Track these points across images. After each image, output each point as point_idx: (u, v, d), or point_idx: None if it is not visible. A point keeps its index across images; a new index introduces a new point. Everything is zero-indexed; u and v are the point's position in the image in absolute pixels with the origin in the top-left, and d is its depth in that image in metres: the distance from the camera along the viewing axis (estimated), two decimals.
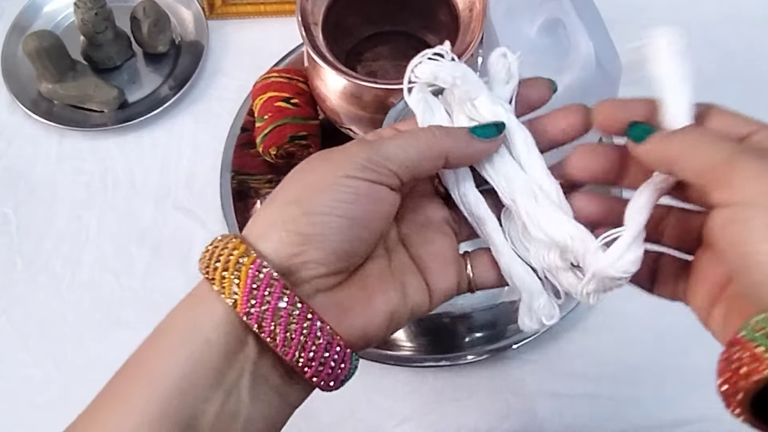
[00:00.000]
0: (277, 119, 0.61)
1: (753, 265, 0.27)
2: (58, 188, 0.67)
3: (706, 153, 0.29)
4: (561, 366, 0.58)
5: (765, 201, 0.26)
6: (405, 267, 0.34)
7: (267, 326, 0.29)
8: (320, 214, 0.31)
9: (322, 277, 0.31)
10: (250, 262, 0.30)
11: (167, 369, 0.30)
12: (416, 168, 0.32)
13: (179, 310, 0.33)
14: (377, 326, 0.32)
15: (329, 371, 0.30)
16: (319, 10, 0.58)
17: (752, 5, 0.73)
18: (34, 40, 0.65)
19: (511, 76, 0.35)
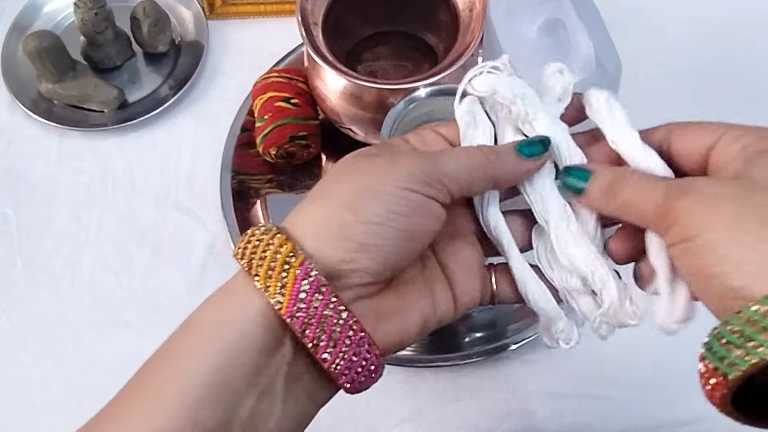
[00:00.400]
0: (277, 119, 0.61)
1: (711, 289, 0.28)
2: (58, 188, 0.67)
3: (642, 200, 0.30)
4: (561, 366, 0.58)
5: (706, 230, 0.27)
6: (435, 274, 0.34)
7: (311, 332, 0.29)
8: (376, 224, 0.30)
9: (365, 286, 0.31)
10: (299, 264, 0.29)
11: (199, 366, 0.29)
12: (468, 188, 0.33)
13: (211, 302, 0.32)
14: (410, 333, 0.32)
15: (363, 378, 0.31)
16: (319, 10, 0.58)
17: (752, 5, 0.73)
18: (34, 40, 0.65)
19: (565, 95, 0.35)
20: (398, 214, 0.31)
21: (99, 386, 0.58)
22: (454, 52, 0.56)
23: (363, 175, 0.32)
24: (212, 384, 0.29)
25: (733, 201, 0.28)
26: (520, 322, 0.58)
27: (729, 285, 0.27)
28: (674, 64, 0.70)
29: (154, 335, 0.30)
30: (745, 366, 0.26)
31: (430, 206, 0.31)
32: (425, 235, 0.32)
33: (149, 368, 0.31)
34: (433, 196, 0.31)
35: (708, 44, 0.71)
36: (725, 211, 0.27)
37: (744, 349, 0.26)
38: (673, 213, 0.29)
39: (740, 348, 0.26)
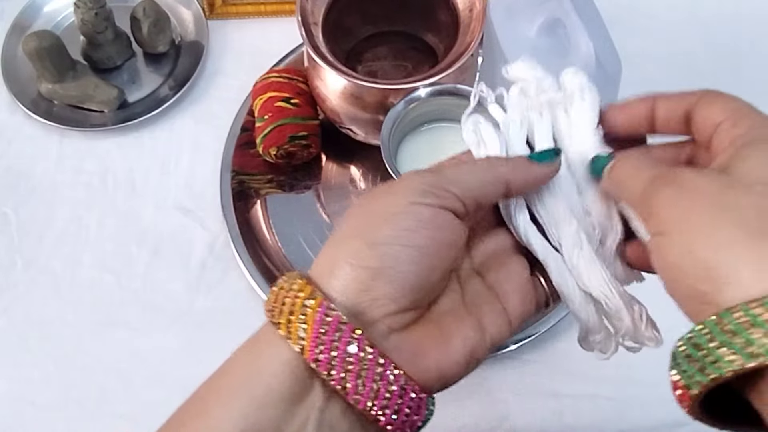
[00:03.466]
0: (277, 119, 0.61)
1: (679, 288, 0.28)
2: (58, 188, 0.67)
3: (628, 188, 0.31)
4: (561, 366, 0.58)
5: (679, 227, 0.27)
6: (480, 298, 0.33)
7: (337, 374, 0.28)
8: (384, 245, 0.29)
9: (394, 315, 0.30)
10: (317, 305, 0.28)
11: (227, 417, 0.28)
12: (478, 194, 0.32)
13: (241, 354, 0.31)
14: (455, 367, 0.31)
15: (404, 418, 0.29)
16: (319, 10, 0.58)
17: (752, 5, 0.73)
18: (34, 40, 0.65)
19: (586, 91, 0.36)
20: (408, 230, 0.30)
21: (99, 386, 0.59)
22: (454, 52, 0.56)
23: (369, 203, 0.31)
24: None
25: (710, 198, 0.27)
26: None
27: (696, 287, 0.26)
28: (674, 64, 0.70)
29: (154, 335, 0.30)
30: (705, 381, 0.25)
31: (442, 217, 0.30)
32: (444, 249, 0.31)
33: (180, 418, 0.30)
34: (442, 205, 0.30)
35: (708, 44, 0.71)
36: (701, 209, 0.27)
37: (702, 363, 0.25)
38: (653, 202, 0.29)
39: (699, 362, 0.25)
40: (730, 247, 0.26)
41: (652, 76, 0.68)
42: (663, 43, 0.72)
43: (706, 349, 0.25)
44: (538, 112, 0.35)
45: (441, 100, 0.53)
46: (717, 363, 0.25)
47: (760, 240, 0.26)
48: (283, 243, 0.62)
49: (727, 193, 0.27)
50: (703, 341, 0.25)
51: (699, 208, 0.27)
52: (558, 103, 0.35)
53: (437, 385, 0.30)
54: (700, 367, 0.25)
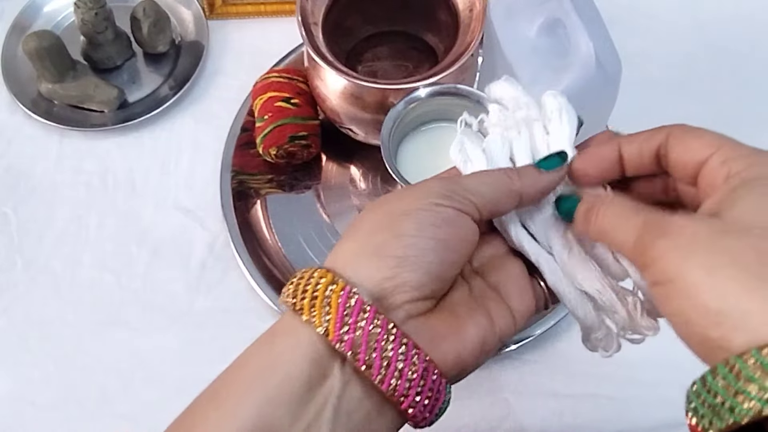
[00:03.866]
0: (277, 119, 0.61)
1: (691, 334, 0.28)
2: (58, 188, 0.67)
3: (618, 238, 0.30)
4: (561, 366, 0.58)
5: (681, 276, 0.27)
6: (486, 294, 0.34)
7: (362, 352, 0.28)
8: (411, 236, 0.31)
9: (414, 302, 0.31)
10: (340, 289, 0.29)
11: (242, 404, 0.29)
12: (494, 205, 0.33)
13: (257, 346, 0.31)
14: (470, 353, 0.32)
15: (426, 401, 0.30)
16: (319, 10, 0.58)
17: (752, 5, 0.73)
18: (34, 40, 0.65)
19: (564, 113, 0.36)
20: (431, 225, 0.31)
21: (99, 386, 0.59)
22: (454, 52, 0.56)
23: (392, 201, 0.32)
24: (255, 420, 0.28)
25: (708, 245, 0.27)
26: None
27: (706, 334, 0.26)
28: (674, 64, 0.70)
29: (154, 335, 0.30)
30: (723, 426, 0.25)
31: (461, 219, 0.32)
32: (463, 245, 0.32)
33: (195, 410, 0.30)
34: (461, 209, 0.32)
35: (708, 44, 0.71)
36: (700, 257, 0.27)
37: (720, 409, 0.26)
38: (649, 253, 0.28)
39: (716, 407, 0.26)
40: (735, 293, 0.26)
41: (652, 76, 0.68)
42: (663, 43, 0.72)
43: (722, 396, 0.26)
44: (517, 130, 0.36)
45: (441, 100, 0.53)
46: (735, 410, 0.25)
47: (762, 282, 0.26)
48: (283, 243, 0.62)
49: (724, 238, 0.27)
50: (718, 388, 0.26)
51: (698, 256, 0.27)
52: (535, 120, 0.36)
53: (454, 370, 0.31)
54: (717, 413, 0.26)
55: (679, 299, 0.27)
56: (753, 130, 0.67)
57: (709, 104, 0.67)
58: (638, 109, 0.54)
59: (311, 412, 0.29)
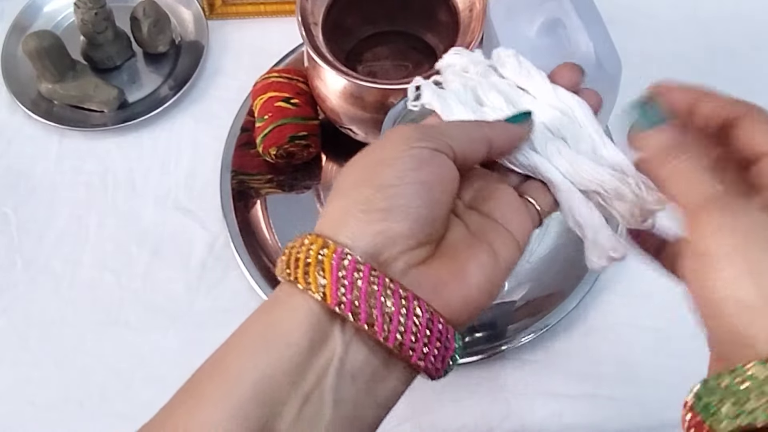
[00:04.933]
0: (277, 119, 0.61)
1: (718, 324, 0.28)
2: (58, 188, 0.67)
3: (686, 191, 0.30)
4: (561, 366, 0.58)
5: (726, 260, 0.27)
6: (483, 226, 0.33)
7: (362, 311, 0.28)
8: (392, 186, 0.30)
9: (410, 251, 0.30)
10: (332, 252, 0.29)
11: (243, 372, 0.28)
12: (466, 149, 0.33)
13: (256, 315, 0.31)
14: (477, 294, 0.31)
15: (435, 351, 0.29)
16: (319, 10, 0.58)
17: (752, 5, 0.73)
18: (34, 40, 0.65)
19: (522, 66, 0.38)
20: (411, 170, 0.31)
21: (99, 386, 0.59)
22: None
23: (369, 153, 0.32)
24: (255, 390, 0.28)
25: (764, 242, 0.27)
26: (520, 322, 0.58)
27: (737, 329, 0.27)
28: (674, 64, 0.70)
29: (154, 335, 0.30)
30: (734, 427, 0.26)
31: (438, 157, 0.31)
32: (443, 183, 0.32)
33: (197, 378, 0.30)
34: (437, 148, 0.31)
35: (708, 44, 0.71)
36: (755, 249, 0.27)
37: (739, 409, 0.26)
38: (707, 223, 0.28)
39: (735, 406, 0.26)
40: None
41: (652, 76, 0.68)
42: (663, 43, 0.72)
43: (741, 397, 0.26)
44: (476, 81, 0.37)
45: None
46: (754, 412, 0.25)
47: None
48: (283, 243, 0.62)
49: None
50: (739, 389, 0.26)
51: (750, 249, 0.27)
52: (491, 71, 0.38)
53: (462, 315, 0.31)
54: (734, 413, 0.26)
55: (720, 285, 0.27)
56: None
57: None
58: None
59: (312, 377, 0.28)
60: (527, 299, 0.59)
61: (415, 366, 0.29)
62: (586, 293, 0.58)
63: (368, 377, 0.29)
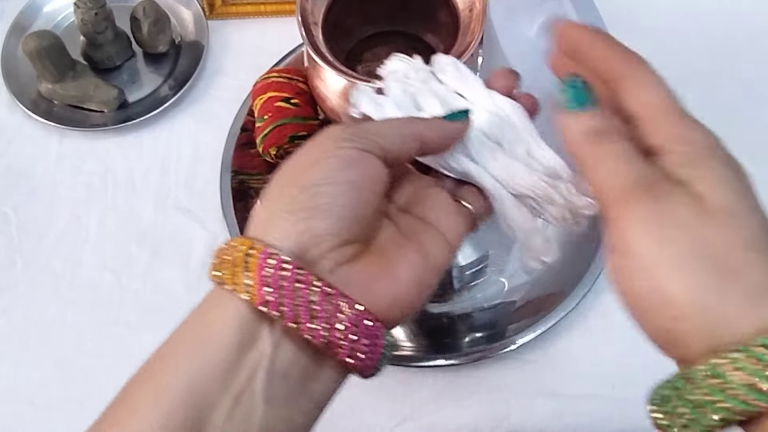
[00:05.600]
0: (277, 119, 0.61)
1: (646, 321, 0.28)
2: (58, 188, 0.67)
3: (605, 179, 0.29)
4: (561, 366, 0.58)
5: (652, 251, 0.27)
6: (415, 228, 0.34)
7: (288, 310, 0.28)
8: (317, 185, 0.30)
9: (336, 249, 0.30)
10: (259, 253, 0.29)
11: (173, 376, 0.29)
12: (397, 147, 0.33)
13: (188, 319, 0.31)
14: (405, 293, 0.31)
15: (364, 348, 0.29)
16: (319, 10, 0.58)
17: (752, 5, 0.73)
18: (34, 40, 0.65)
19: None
20: (338, 170, 0.31)
21: (99, 386, 0.58)
22: (454, 52, 0.55)
23: (299, 155, 0.32)
24: (185, 395, 0.28)
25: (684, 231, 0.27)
26: (520, 322, 0.58)
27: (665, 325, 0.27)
28: (674, 65, 0.70)
29: (154, 335, 0.30)
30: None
31: (366, 158, 0.32)
32: (370, 183, 0.32)
33: (129, 387, 0.31)
34: (365, 148, 0.32)
35: (708, 44, 0.71)
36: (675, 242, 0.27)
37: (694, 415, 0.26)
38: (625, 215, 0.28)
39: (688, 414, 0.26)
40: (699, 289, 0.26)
41: None
42: (663, 43, 0.72)
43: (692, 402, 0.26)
44: (416, 88, 0.38)
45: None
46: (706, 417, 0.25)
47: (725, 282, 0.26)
48: None
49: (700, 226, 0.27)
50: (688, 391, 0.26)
51: (672, 241, 0.27)
52: (432, 77, 0.39)
53: (392, 313, 0.31)
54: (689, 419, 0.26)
55: (642, 282, 0.27)
56: (754, 130, 0.67)
57: (709, 104, 0.67)
58: None
59: (242, 378, 0.28)
60: (527, 299, 0.59)
61: (343, 363, 0.29)
62: (586, 293, 0.58)
63: (299, 375, 0.30)
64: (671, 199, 0.27)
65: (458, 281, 0.60)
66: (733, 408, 0.25)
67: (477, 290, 0.60)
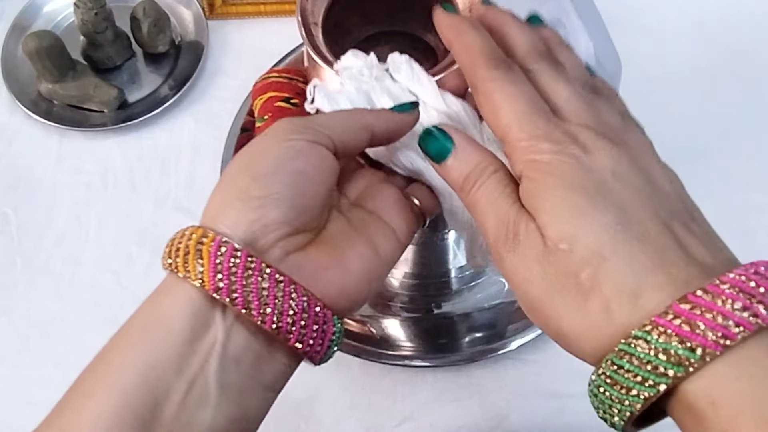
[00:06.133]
0: (277, 119, 0.61)
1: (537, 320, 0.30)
2: (58, 188, 0.67)
3: (484, 227, 0.31)
4: (561, 366, 0.58)
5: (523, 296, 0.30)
6: (366, 221, 0.35)
7: (239, 296, 0.29)
8: (269, 175, 0.31)
9: (287, 238, 0.31)
10: (210, 241, 0.30)
11: (127, 363, 0.29)
12: (347, 138, 0.34)
13: (142, 307, 0.32)
14: (355, 283, 0.33)
15: (313, 334, 0.30)
16: (319, 10, 0.58)
17: (753, 5, 0.73)
18: (34, 40, 0.65)
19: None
20: (288, 160, 0.32)
21: None
22: None
23: (251, 146, 0.33)
24: (138, 380, 0.29)
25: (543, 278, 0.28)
26: (520, 322, 0.58)
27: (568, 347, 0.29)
28: (674, 64, 0.70)
29: None
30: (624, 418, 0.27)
31: (316, 149, 0.33)
32: (320, 174, 0.33)
33: (83, 376, 0.31)
34: (314, 139, 0.33)
35: (708, 44, 0.71)
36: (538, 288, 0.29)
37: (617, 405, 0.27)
38: (499, 259, 0.30)
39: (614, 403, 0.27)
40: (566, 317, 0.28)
41: (652, 76, 0.68)
42: (663, 43, 0.72)
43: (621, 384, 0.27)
44: (370, 85, 0.39)
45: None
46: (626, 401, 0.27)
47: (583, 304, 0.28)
48: None
49: (548, 263, 0.28)
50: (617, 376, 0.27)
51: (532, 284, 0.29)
52: (386, 75, 0.40)
53: (341, 302, 0.32)
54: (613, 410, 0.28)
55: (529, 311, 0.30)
56: (754, 130, 0.67)
57: (710, 104, 0.67)
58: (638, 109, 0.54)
59: (195, 364, 0.29)
60: None
61: (293, 348, 0.30)
62: None
63: (252, 361, 0.30)
64: (526, 242, 0.29)
65: (458, 281, 0.60)
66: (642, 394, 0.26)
67: (477, 290, 0.60)
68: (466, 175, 0.32)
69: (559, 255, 0.28)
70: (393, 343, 0.57)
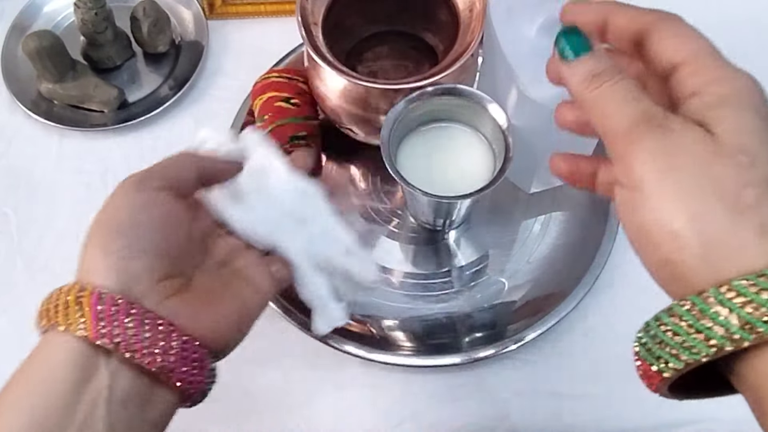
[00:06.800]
0: (277, 119, 0.61)
1: (648, 255, 0.28)
2: (58, 188, 0.67)
3: (615, 117, 0.29)
4: (561, 366, 0.58)
5: (654, 190, 0.27)
6: (232, 279, 0.39)
7: (123, 341, 0.31)
8: (128, 227, 0.34)
9: (158, 284, 0.34)
10: (89, 293, 0.32)
11: (16, 415, 0.30)
12: (181, 177, 0.38)
13: (24, 365, 0.33)
14: (227, 327, 0.36)
15: (193, 371, 0.33)
16: (319, 10, 0.58)
17: (753, 5, 0.73)
18: (34, 40, 0.65)
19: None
20: (140, 211, 0.35)
21: None
22: (454, 52, 0.55)
23: (106, 205, 0.36)
24: (27, 429, 0.30)
25: (693, 164, 0.26)
26: (520, 322, 0.58)
27: (669, 258, 0.26)
28: None
29: None
30: (680, 366, 0.26)
31: (161, 196, 0.36)
32: (172, 219, 0.36)
33: None
34: (157, 186, 0.36)
35: None
36: (682, 174, 0.26)
37: (677, 349, 0.26)
38: (633, 150, 0.28)
39: (674, 347, 0.26)
40: (706, 221, 0.25)
41: None
42: None
43: (682, 335, 0.26)
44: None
45: (441, 100, 0.53)
46: (694, 348, 0.25)
47: (734, 218, 0.25)
48: None
49: (712, 161, 0.26)
50: (678, 327, 0.26)
51: (680, 172, 0.26)
52: (238, 155, 0.44)
53: (215, 342, 0.35)
54: (673, 354, 0.26)
55: (647, 214, 0.27)
56: None
57: None
58: None
59: (83, 411, 0.30)
60: (527, 299, 0.59)
61: (174, 386, 0.32)
62: (586, 293, 0.58)
63: (138, 402, 0.32)
64: (683, 134, 0.27)
65: (458, 281, 0.60)
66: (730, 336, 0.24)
67: (477, 290, 0.60)
68: (600, 71, 0.30)
69: (734, 160, 0.26)
70: (393, 343, 0.58)
